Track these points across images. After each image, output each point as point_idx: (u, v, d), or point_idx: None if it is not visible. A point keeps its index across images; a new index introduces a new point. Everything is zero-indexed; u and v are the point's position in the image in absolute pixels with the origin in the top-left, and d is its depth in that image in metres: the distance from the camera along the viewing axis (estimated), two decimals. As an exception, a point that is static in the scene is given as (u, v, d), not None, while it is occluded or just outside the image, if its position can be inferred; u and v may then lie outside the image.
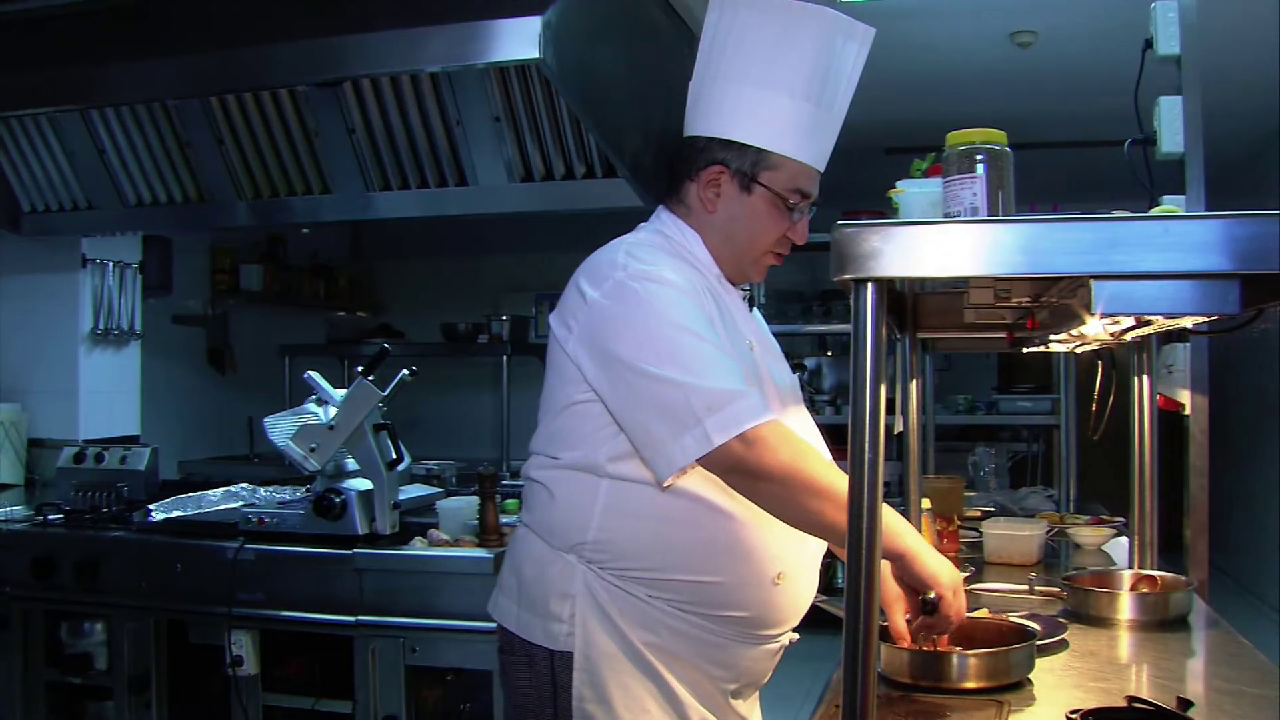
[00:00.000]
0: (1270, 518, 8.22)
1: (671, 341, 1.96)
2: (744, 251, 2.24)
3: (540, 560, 2.13)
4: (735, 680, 2.15)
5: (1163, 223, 1.39)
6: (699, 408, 1.89)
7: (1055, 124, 7.13)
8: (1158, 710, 1.76)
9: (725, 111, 2.16)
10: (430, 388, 7.97)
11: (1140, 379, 3.14)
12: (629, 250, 2.09)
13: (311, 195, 4.15)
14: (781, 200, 2.18)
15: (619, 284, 2.02)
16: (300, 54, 3.72)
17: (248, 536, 3.71)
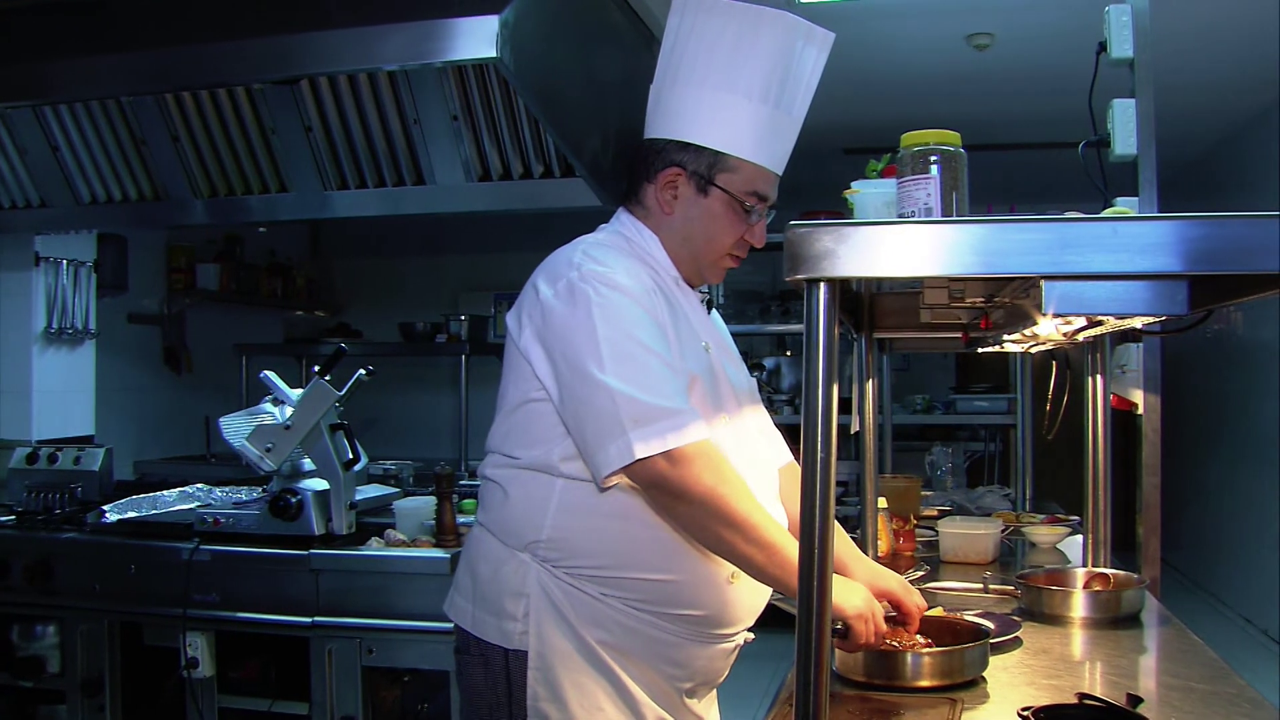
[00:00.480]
0: (1222, 516, 8.31)
1: (614, 348, 1.97)
2: (702, 253, 2.24)
3: (495, 559, 2.13)
4: (690, 679, 2.15)
5: (1112, 224, 1.41)
6: (627, 418, 1.92)
7: (1012, 126, 7.18)
8: (1108, 707, 1.77)
9: (683, 114, 2.17)
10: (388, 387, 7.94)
11: (1093, 379, 3.17)
12: (586, 251, 2.10)
13: (268, 194, 4.11)
14: (738, 203, 2.19)
15: (571, 284, 2.03)
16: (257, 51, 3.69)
17: (203, 537, 3.68)
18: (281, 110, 3.83)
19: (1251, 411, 7.62)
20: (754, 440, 2.27)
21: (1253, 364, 7.63)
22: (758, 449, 2.27)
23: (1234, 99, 7.11)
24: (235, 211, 4.23)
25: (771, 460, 2.35)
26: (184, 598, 3.58)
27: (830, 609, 1.43)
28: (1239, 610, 7.84)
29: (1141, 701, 1.84)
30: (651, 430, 1.90)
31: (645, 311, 2.03)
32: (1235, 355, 8.01)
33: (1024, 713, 1.75)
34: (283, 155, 3.97)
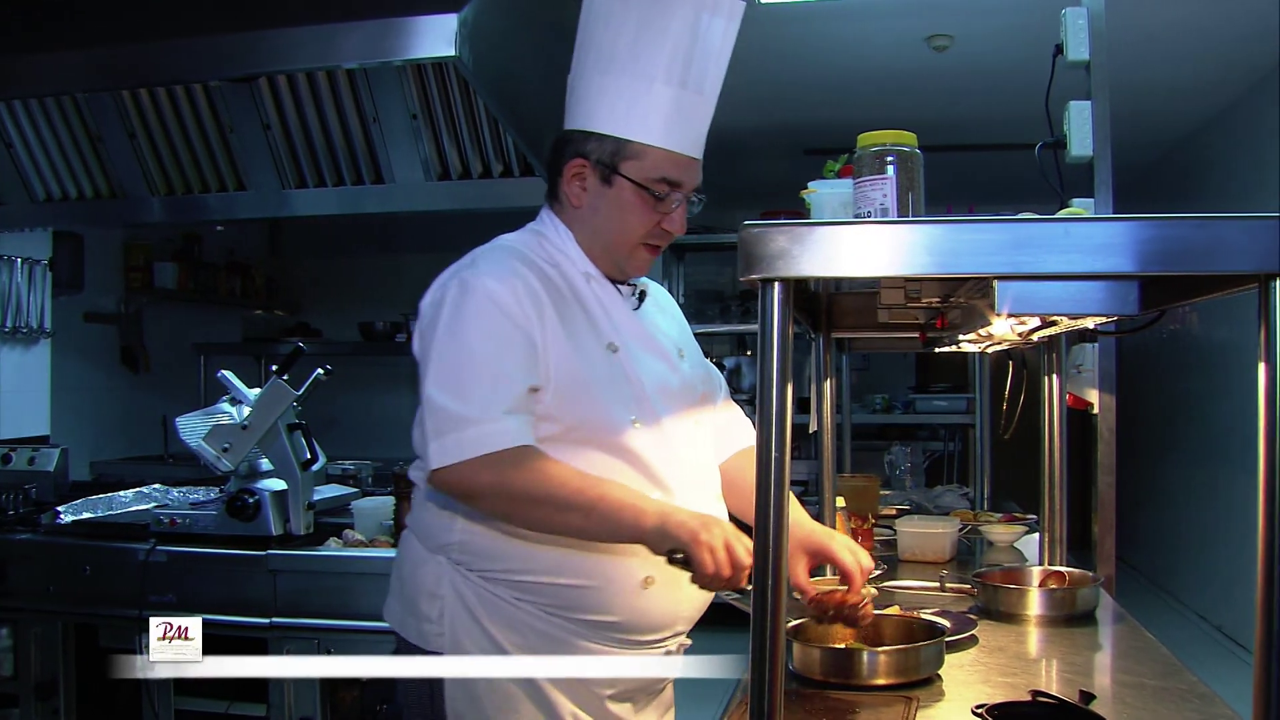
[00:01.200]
0: (1178, 514, 8.39)
1: (444, 355, 1.98)
2: (615, 245, 2.16)
3: (415, 561, 2.13)
4: (613, 686, 2.10)
5: (1064, 225, 1.42)
6: (430, 429, 1.95)
7: (972, 127, 7.23)
8: (1060, 704, 1.79)
9: (588, 103, 2.11)
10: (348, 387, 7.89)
11: (1049, 379, 3.19)
12: (476, 257, 2.10)
13: (226, 192, 4.09)
14: (647, 190, 2.10)
15: (442, 287, 2.05)
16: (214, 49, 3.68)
17: (159, 538, 3.66)
18: (240, 108, 3.81)
19: (1207, 411, 7.70)
20: (684, 437, 2.18)
21: (1209, 364, 7.71)
22: (684, 447, 2.17)
23: (1190, 102, 7.18)
24: (193, 210, 4.21)
25: (705, 458, 2.26)
26: (140, 599, 3.56)
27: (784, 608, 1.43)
28: (1194, 607, 7.92)
29: (1094, 698, 1.86)
30: (449, 441, 1.92)
31: (501, 318, 1.99)
32: (1192, 355, 8.09)
33: (978, 710, 1.77)
34: (241, 153, 3.95)
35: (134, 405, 6.99)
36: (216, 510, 3.64)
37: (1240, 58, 6.19)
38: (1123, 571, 7.51)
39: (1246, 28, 5.63)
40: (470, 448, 1.90)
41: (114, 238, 6.81)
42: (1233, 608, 7.04)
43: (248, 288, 8.14)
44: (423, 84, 3.61)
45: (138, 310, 7.04)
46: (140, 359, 7.07)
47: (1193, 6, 5.30)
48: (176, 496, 4.25)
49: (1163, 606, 8.33)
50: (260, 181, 4.00)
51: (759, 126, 7.06)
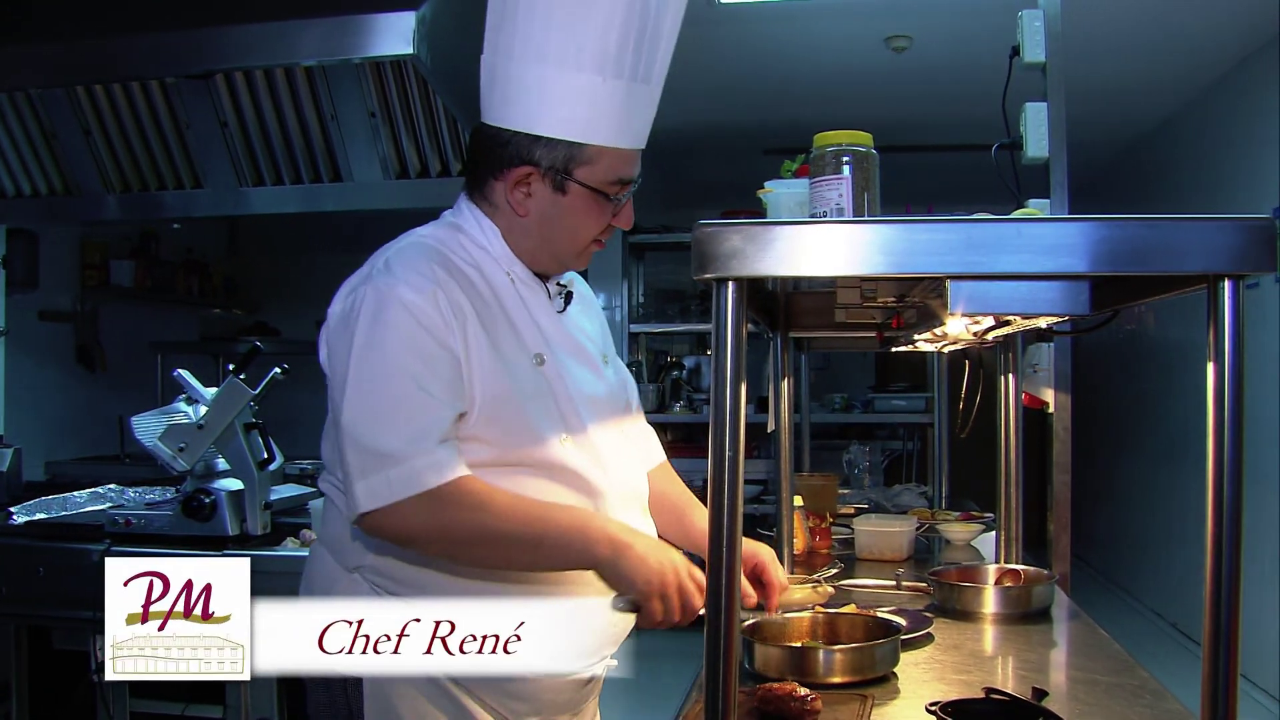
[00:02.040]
0: (1135, 513, 8.47)
1: (362, 378, 1.82)
2: (564, 250, 2.01)
3: (329, 579, 2.00)
4: (536, 712, 1.99)
5: (1016, 225, 1.43)
6: (354, 468, 1.78)
7: (931, 127, 7.27)
8: (1013, 700, 1.80)
9: (528, 100, 1.89)
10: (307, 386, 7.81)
11: (1006, 378, 3.21)
12: (389, 258, 1.91)
13: (183, 190, 4.08)
14: (601, 194, 1.95)
15: (352, 294, 1.89)
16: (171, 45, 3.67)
17: (114, 539, 3.62)
18: (196, 105, 3.80)
19: (1163, 410, 7.77)
20: (612, 449, 2.06)
21: (1164, 364, 7.78)
22: (614, 460, 2.05)
23: (1146, 104, 7.25)
24: (149, 207, 4.19)
25: (633, 471, 2.15)
26: (95, 600, 3.50)
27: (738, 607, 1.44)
28: (1149, 604, 7.99)
29: (1046, 695, 1.87)
30: (376, 481, 1.77)
31: (423, 334, 1.82)
32: (1148, 355, 8.16)
33: (932, 707, 1.78)
34: (197, 151, 3.93)
35: (90, 404, 6.92)
36: (172, 510, 3.61)
37: (1194, 61, 6.26)
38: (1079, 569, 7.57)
39: (1200, 32, 5.70)
40: (400, 488, 1.76)
41: (69, 235, 6.74)
42: (1187, 604, 7.11)
43: (205, 286, 8.08)
44: (381, 82, 3.60)
45: (94, 308, 6.98)
46: (96, 358, 7.00)
47: (1148, 11, 5.36)
48: (132, 497, 4.21)
49: (1119, 603, 8.41)
50: (217, 179, 3.98)
51: (719, 126, 7.07)
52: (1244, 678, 5.95)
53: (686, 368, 7.73)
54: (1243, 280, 1.35)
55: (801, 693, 1.93)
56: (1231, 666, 1.34)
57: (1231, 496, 1.33)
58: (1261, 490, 5.76)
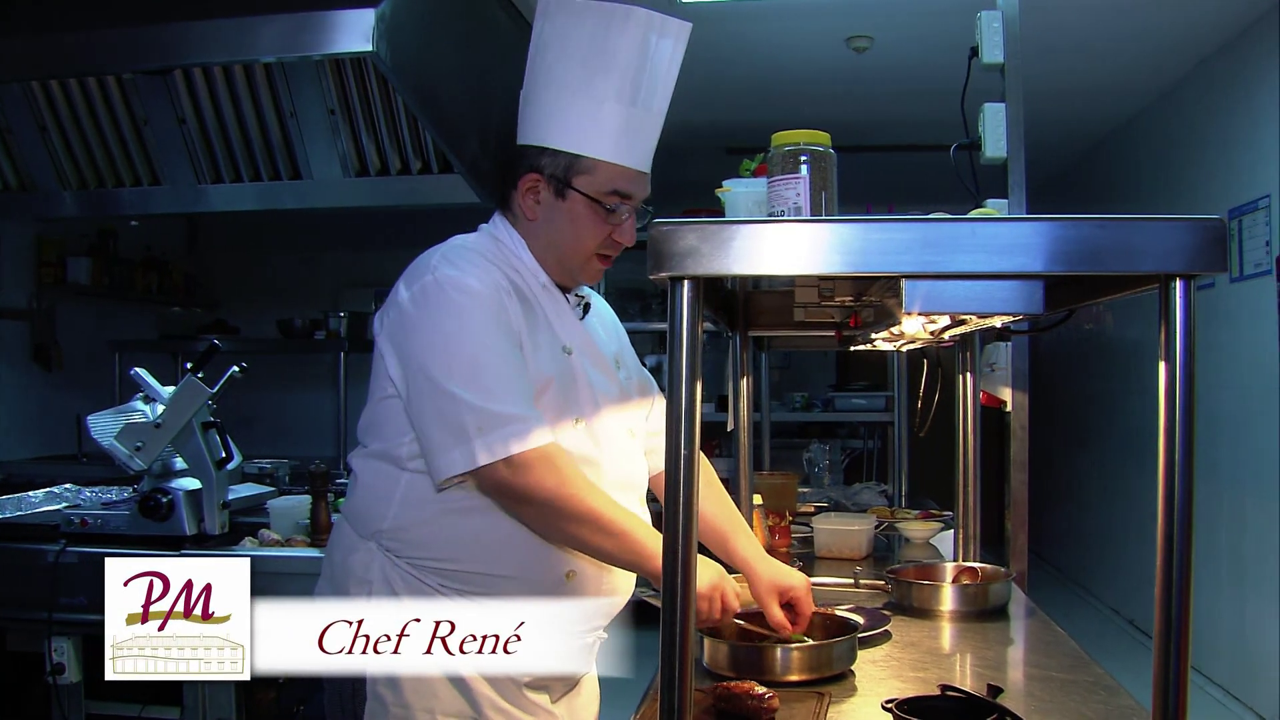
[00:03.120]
0: (1093, 511, 8.54)
1: (461, 353, 2.02)
2: (568, 256, 2.24)
3: (346, 546, 2.18)
4: (536, 679, 2.16)
5: (971, 225, 1.44)
6: (471, 426, 1.97)
7: (892, 127, 7.30)
8: (968, 697, 1.81)
9: (542, 119, 2.18)
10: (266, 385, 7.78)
11: (963, 377, 3.23)
12: (445, 254, 2.13)
13: (141, 187, 4.04)
14: (598, 204, 2.19)
15: (424, 288, 2.07)
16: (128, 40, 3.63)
17: (70, 539, 3.58)
18: (154, 101, 3.76)
19: (1121, 409, 7.84)
20: (615, 440, 2.28)
21: (1122, 363, 7.85)
22: (616, 450, 2.27)
23: (1106, 106, 7.31)
24: (106, 204, 4.15)
25: (634, 464, 2.35)
26: (50, 601, 3.49)
27: (694, 603, 1.44)
28: (1107, 601, 8.06)
29: (1001, 691, 1.88)
30: (494, 437, 1.96)
31: (494, 316, 2.06)
32: (1106, 354, 8.23)
33: (888, 705, 1.79)
34: (155, 147, 3.90)
35: (46, 403, 6.86)
36: (129, 510, 3.57)
37: (1152, 64, 6.32)
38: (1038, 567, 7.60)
39: (1158, 35, 5.75)
40: (516, 444, 1.96)
41: (25, 232, 6.68)
42: (1144, 601, 7.17)
43: (164, 284, 8.03)
44: (341, 79, 3.58)
45: (50, 306, 6.92)
46: (53, 356, 6.94)
47: (1106, 14, 5.40)
48: (88, 496, 4.17)
49: (1076, 601, 8.48)
50: (176, 176, 3.95)
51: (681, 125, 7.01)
52: (1197, 671, 6.01)
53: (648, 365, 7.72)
54: (1194, 280, 1.37)
55: (759, 691, 1.94)
56: (1182, 660, 1.35)
57: (1183, 492, 1.34)
58: (1215, 488, 5.82)
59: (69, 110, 3.84)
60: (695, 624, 1.92)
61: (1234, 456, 5.69)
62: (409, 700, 2.08)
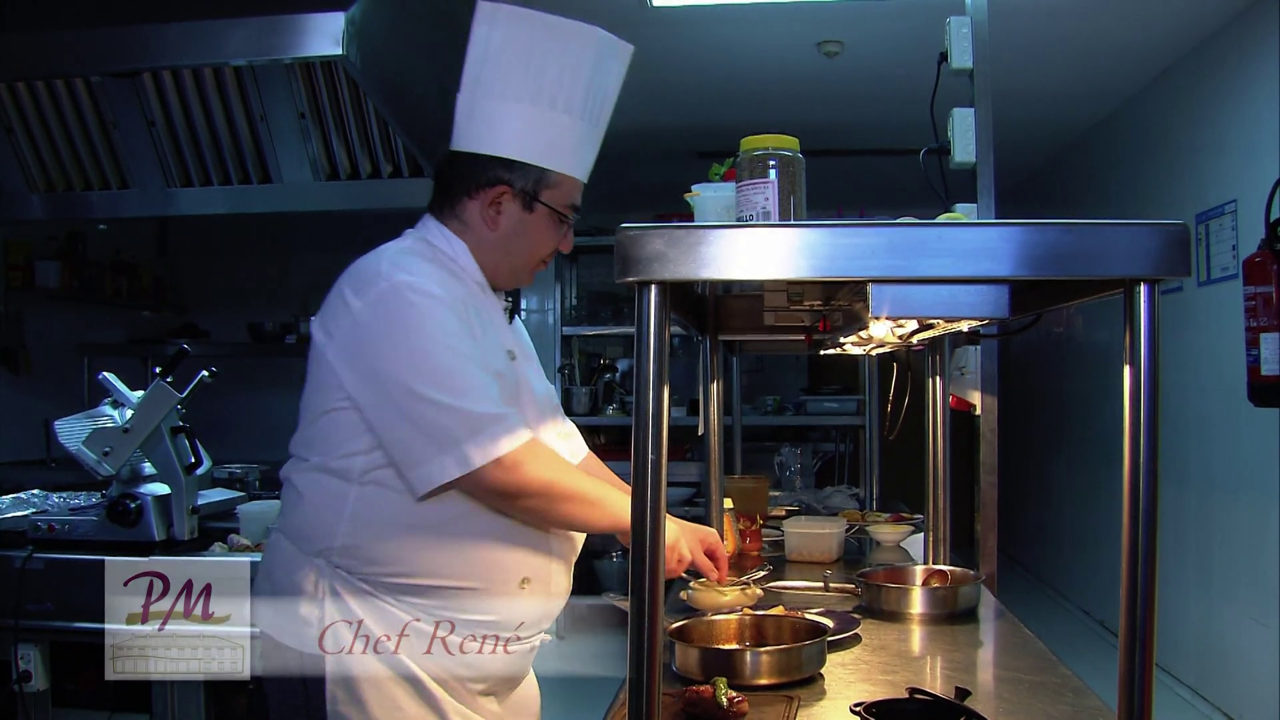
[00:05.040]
0: (1064, 513, 8.59)
1: (434, 359, 2.01)
2: (521, 264, 2.28)
3: (290, 565, 2.13)
4: (484, 680, 2.17)
5: (937, 229, 1.45)
6: (460, 431, 1.97)
7: (862, 132, 7.33)
8: (935, 700, 1.82)
9: (503, 130, 2.18)
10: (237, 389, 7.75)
11: (932, 381, 3.25)
12: (393, 260, 2.11)
13: (110, 190, 4.02)
14: (559, 215, 2.25)
15: (382, 294, 2.04)
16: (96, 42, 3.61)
17: (37, 544, 3.55)
18: (122, 104, 3.75)
19: (1091, 412, 7.89)
20: (551, 441, 2.32)
21: (1091, 367, 7.91)
22: (556, 448, 2.30)
23: (1074, 111, 7.36)
24: (75, 207, 4.13)
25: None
26: (16, 608, 3.46)
27: (661, 608, 1.44)
28: (1077, 603, 8.10)
29: (969, 694, 1.89)
30: (483, 439, 1.97)
31: (456, 319, 2.06)
32: (1075, 358, 8.29)
33: (856, 708, 1.79)
34: (124, 151, 3.88)
35: (14, 408, 6.80)
36: (97, 515, 3.55)
37: (1119, 70, 6.37)
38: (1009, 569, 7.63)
39: (1127, 39, 5.79)
40: (506, 442, 1.98)
41: (-9, 235, 6.63)
42: (1114, 603, 7.15)
43: (134, 288, 7.97)
44: (311, 83, 3.58)
45: (18, 310, 6.86)
46: (20, 360, 6.89)
47: (1074, 20, 5.43)
48: (56, 502, 4.14)
49: (1047, 603, 8.52)
50: (145, 179, 3.93)
51: (653, 129, 7.08)
52: (1165, 671, 6.06)
53: (619, 370, 7.73)
54: (1158, 284, 1.38)
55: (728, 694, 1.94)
56: (1147, 659, 1.36)
57: (1147, 493, 1.36)
58: (1183, 490, 5.86)
59: (36, 112, 3.81)
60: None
61: (1202, 459, 5.73)
62: (375, 715, 2.05)
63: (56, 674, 3.55)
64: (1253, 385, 4.05)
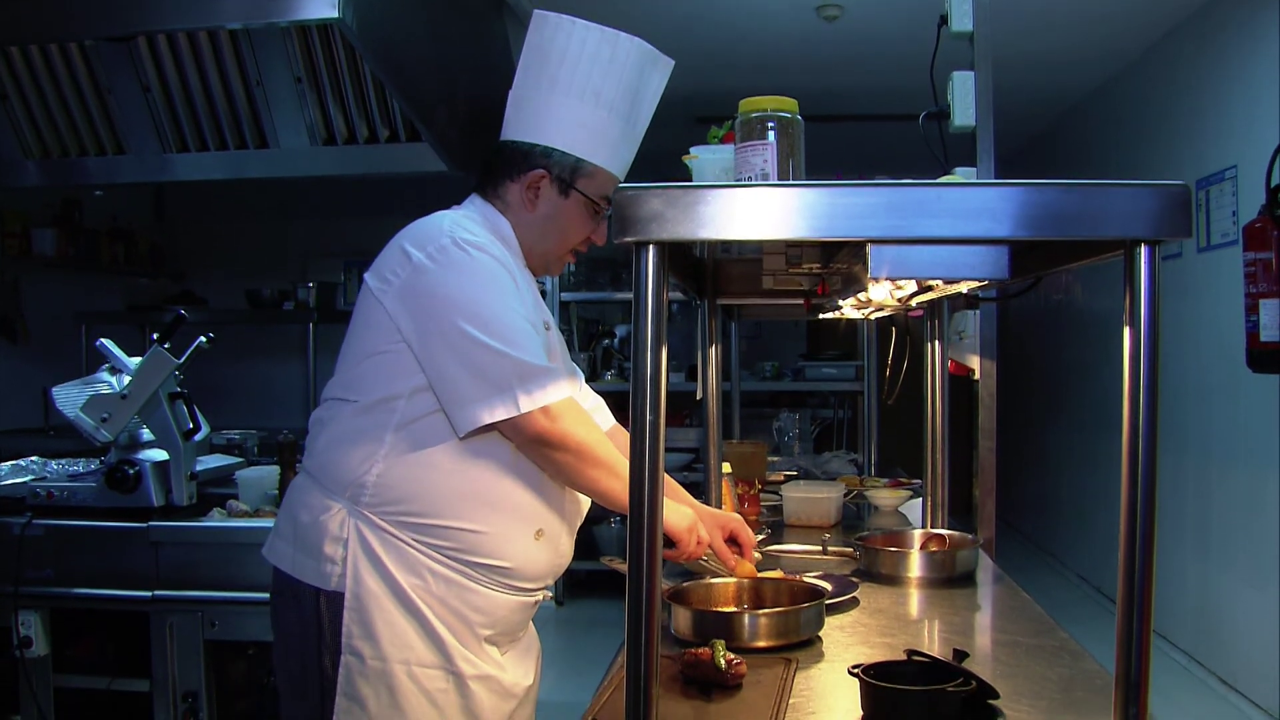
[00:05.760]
0: (1062, 479, 8.60)
1: (492, 308, 2.13)
2: (553, 248, 2.42)
3: (315, 507, 2.22)
4: (490, 627, 2.26)
5: (937, 189, 1.43)
6: (512, 376, 2.09)
7: (862, 97, 7.30)
8: (934, 662, 1.82)
9: (549, 122, 2.35)
10: (235, 356, 7.76)
11: (931, 345, 3.24)
12: (454, 220, 2.25)
13: (105, 156, 4.00)
14: (593, 205, 2.39)
15: (444, 248, 2.16)
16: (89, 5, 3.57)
17: (36, 511, 3.56)
18: (117, 68, 3.72)
19: (1090, 378, 7.89)
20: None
21: (1090, 333, 7.90)
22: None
23: (1076, 74, 7.32)
24: (70, 174, 4.11)
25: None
26: (16, 574, 3.47)
27: (659, 570, 1.44)
28: (1075, 569, 8.12)
29: (967, 656, 1.89)
30: (535, 386, 2.10)
31: (511, 280, 2.19)
32: (1074, 325, 8.28)
33: (854, 670, 1.79)
34: (120, 116, 3.85)
35: (12, 376, 6.80)
36: (96, 482, 3.55)
37: (1122, 33, 6.33)
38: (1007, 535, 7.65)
39: (1128, 3, 5.76)
40: (553, 392, 2.12)
41: (-13, 202, 6.61)
42: (1111, 569, 7.23)
43: (131, 255, 7.95)
44: (307, 46, 3.55)
45: (15, 278, 6.86)
46: (18, 329, 6.88)
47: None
48: (55, 469, 4.14)
49: (1045, 568, 8.55)
50: (140, 145, 3.91)
51: (652, 95, 7.05)
52: (1161, 636, 6.08)
53: (618, 336, 7.72)
54: (1159, 246, 1.37)
55: (726, 657, 1.94)
56: (1145, 623, 1.36)
57: (1146, 456, 1.35)
58: (1181, 458, 5.86)
59: (30, 78, 3.79)
60: (677, 554, 2.30)
61: (1200, 427, 5.73)
62: (386, 653, 2.15)
63: (57, 640, 3.56)
64: (1252, 352, 4.04)
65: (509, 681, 2.30)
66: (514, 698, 2.32)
